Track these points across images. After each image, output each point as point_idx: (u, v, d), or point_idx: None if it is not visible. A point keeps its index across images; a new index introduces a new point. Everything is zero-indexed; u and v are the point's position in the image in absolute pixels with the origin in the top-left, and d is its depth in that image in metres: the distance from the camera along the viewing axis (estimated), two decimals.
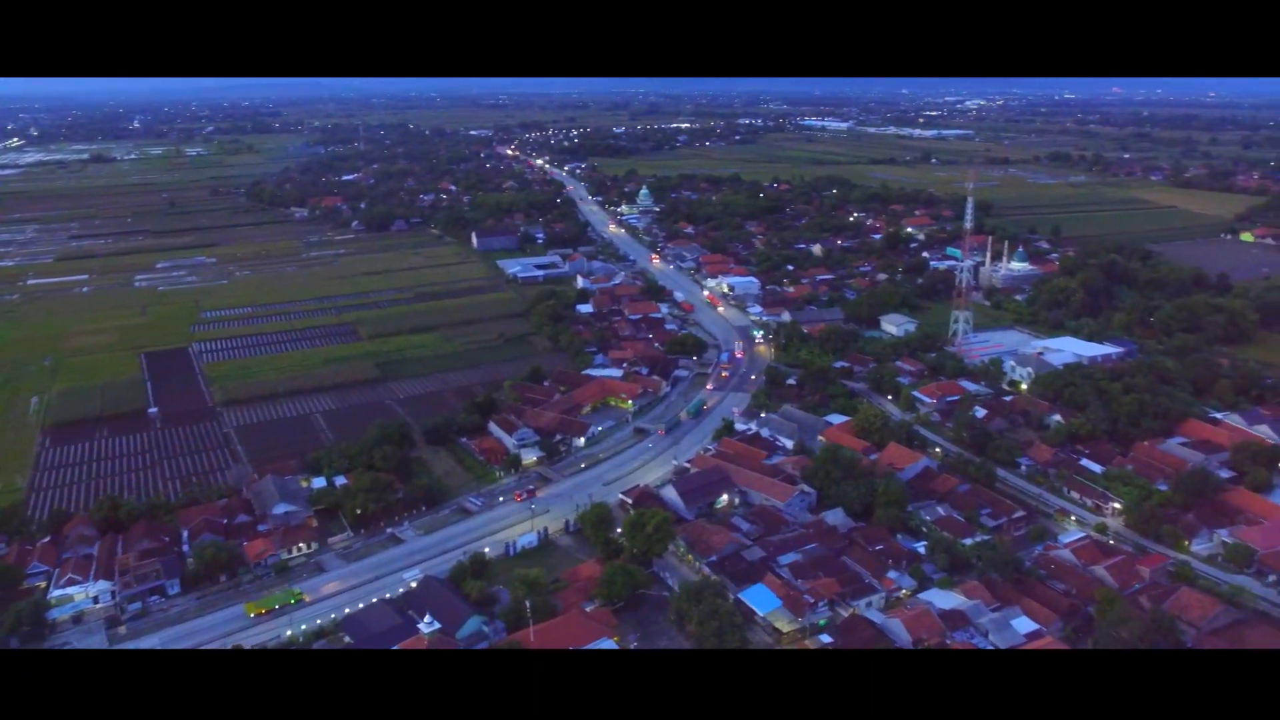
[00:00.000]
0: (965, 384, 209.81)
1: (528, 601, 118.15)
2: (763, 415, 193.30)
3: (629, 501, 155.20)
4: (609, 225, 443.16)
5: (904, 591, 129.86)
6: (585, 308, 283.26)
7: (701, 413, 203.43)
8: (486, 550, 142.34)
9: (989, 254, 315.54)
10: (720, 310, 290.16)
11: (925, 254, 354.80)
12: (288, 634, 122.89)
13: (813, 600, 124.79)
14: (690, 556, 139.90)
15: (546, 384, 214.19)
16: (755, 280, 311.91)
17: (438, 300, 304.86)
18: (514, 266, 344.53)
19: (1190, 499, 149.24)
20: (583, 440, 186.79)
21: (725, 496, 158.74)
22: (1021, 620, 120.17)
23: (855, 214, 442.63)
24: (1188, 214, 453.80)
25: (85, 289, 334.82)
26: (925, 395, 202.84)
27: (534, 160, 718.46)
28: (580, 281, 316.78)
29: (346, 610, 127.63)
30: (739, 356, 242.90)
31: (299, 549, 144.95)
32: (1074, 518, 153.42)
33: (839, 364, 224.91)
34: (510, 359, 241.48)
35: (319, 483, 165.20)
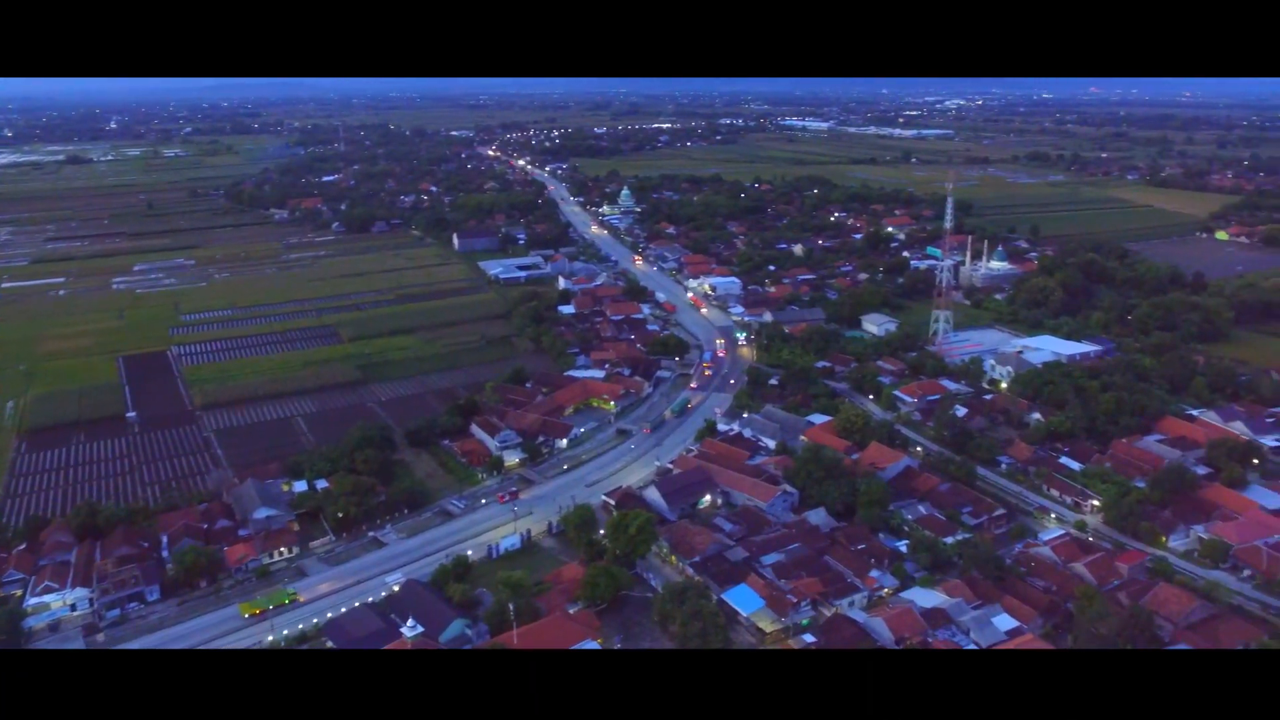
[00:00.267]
0: (946, 383, 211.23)
1: (511, 604, 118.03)
2: (745, 415, 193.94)
3: (612, 503, 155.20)
4: (591, 226, 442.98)
5: (886, 590, 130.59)
6: (567, 309, 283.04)
7: (685, 411, 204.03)
8: (469, 553, 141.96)
9: (969, 253, 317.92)
10: (704, 311, 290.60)
11: (906, 253, 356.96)
12: (269, 639, 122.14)
13: (795, 600, 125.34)
14: (673, 557, 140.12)
15: (528, 385, 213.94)
16: (737, 280, 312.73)
17: (419, 302, 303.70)
18: (495, 268, 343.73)
19: (1167, 495, 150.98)
20: (565, 442, 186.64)
21: (708, 497, 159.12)
22: (1002, 618, 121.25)
23: (836, 214, 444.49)
24: (1164, 213, 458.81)
25: (61, 292, 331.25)
26: (906, 394, 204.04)
27: (515, 161, 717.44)
28: (562, 282, 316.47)
29: (329, 615, 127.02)
30: (721, 355, 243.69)
31: (280, 553, 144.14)
32: (1054, 515, 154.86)
33: (820, 364, 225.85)
34: (492, 361, 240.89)
35: (300, 486, 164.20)
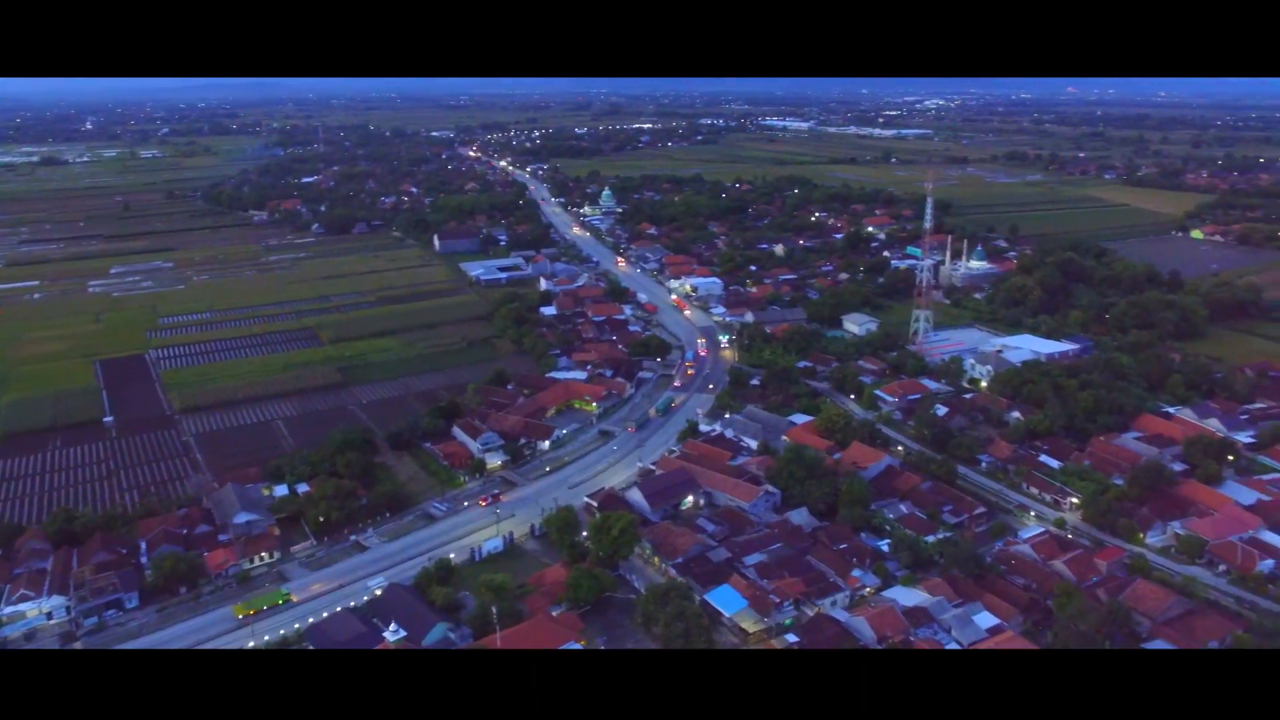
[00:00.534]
0: (926, 382, 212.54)
1: (494, 607, 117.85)
2: (727, 416, 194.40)
3: (594, 505, 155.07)
4: (572, 227, 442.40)
5: (868, 589, 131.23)
6: (549, 310, 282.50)
7: (669, 410, 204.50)
8: (452, 556, 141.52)
9: (948, 253, 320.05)
10: (687, 313, 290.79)
11: (886, 253, 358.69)
12: (249, 645, 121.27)
13: (778, 600, 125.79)
14: (656, 559, 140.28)
15: (510, 387, 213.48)
16: (718, 281, 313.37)
17: (400, 304, 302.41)
18: (477, 269, 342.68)
19: (1144, 492, 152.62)
20: (547, 443, 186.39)
21: (690, 498, 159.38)
22: (983, 616, 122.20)
23: (817, 214, 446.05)
24: (1140, 212, 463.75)
25: (36, 296, 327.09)
26: (887, 394, 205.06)
27: (496, 161, 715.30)
28: (543, 284, 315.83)
29: (310, 620, 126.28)
30: (703, 355, 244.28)
31: (261, 558, 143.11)
32: (1033, 513, 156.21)
33: (802, 364, 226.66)
34: (474, 362, 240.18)
35: (281, 490, 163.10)
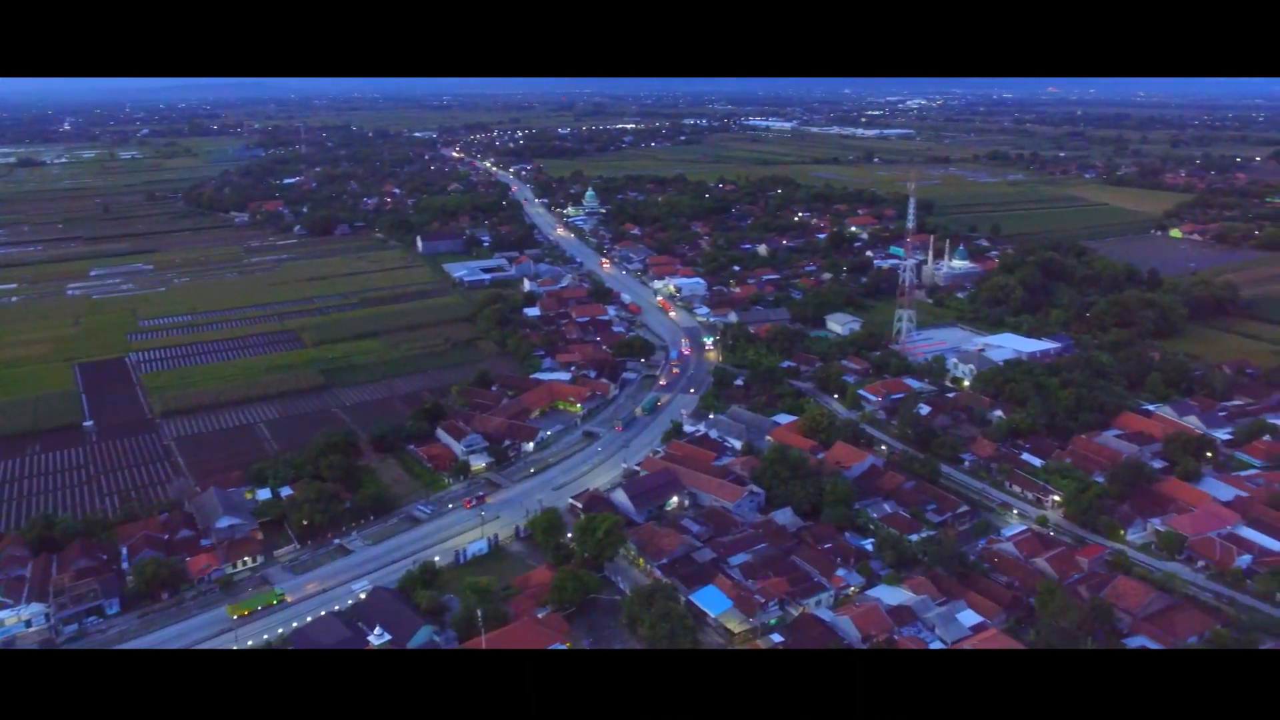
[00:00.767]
0: (909, 381, 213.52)
1: (479, 610, 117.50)
2: (711, 416, 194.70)
3: (579, 506, 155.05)
4: (556, 228, 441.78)
5: (853, 589, 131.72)
6: (532, 311, 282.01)
7: (655, 409, 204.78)
8: (436, 559, 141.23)
9: (931, 252, 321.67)
10: (671, 314, 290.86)
11: (869, 253, 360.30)
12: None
13: (763, 600, 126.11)
14: (641, 560, 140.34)
15: (494, 389, 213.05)
16: (702, 281, 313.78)
17: (383, 305, 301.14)
18: (460, 270, 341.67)
19: (1125, 490, 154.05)
20: (532, 445, 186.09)
21: (675, 499, 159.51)
22: (966, 614, 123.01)
23: (800, 214, 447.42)
24: (1120, 211, 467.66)
25: (14, 299, 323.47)
26: (870, 393, 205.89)
27: (479, 162, 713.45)
28: (527, 285, 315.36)
29: (294, 624, 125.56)
30: (687, 355, 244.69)
31: (244, 563, 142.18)
32: (1016, 511, 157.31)
33: (785, 364, 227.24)
34: (457, 364, 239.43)
35: (264, 494, 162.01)
